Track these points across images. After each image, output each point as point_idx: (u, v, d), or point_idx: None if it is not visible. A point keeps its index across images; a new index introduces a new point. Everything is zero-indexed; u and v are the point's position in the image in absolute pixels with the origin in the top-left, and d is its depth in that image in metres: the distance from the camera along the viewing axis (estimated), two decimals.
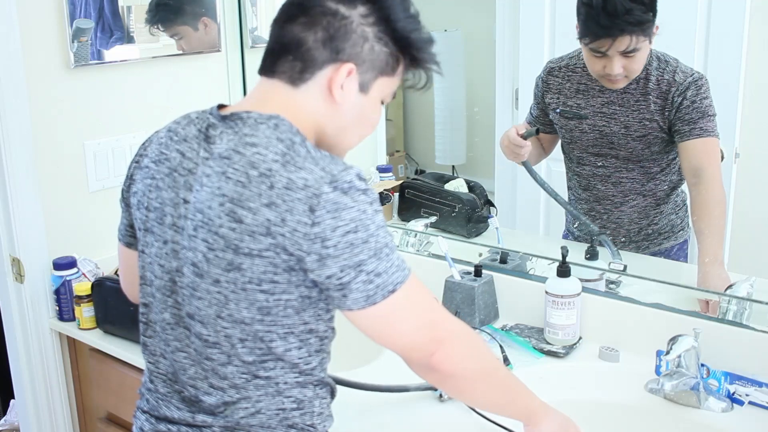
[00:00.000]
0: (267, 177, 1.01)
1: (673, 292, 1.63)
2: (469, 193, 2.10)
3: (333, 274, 1.01)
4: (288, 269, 1.03)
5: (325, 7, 1.07)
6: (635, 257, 1.77)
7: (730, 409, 1.42)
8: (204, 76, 2.20)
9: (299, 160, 1.02)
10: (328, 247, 0.99)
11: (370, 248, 1.01)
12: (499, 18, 2.15)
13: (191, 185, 1.08)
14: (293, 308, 1.06)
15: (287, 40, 1.08)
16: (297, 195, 0.99)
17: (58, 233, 1.93)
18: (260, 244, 1.01)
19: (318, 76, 1.08)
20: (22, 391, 1.99)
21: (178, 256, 1.10)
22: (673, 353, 1.41)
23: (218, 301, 1.06)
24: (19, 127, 1.82)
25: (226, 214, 1.02)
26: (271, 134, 1.04)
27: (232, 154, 1.04)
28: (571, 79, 1.79)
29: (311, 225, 0.99)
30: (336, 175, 1.01)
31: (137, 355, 1.73)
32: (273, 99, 1.09)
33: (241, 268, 1.03)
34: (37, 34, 1.83)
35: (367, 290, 1.02)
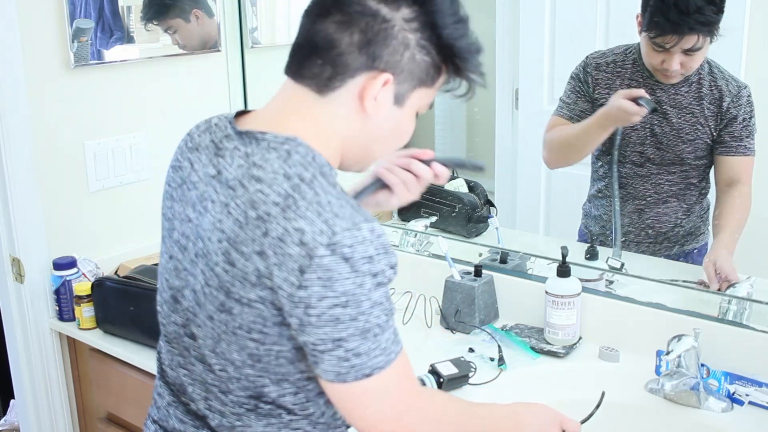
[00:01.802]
0: (263, 222, 0.91)
1: (673, 292, 1.63)
2: (469, 193, 2.10)
3: (309, 342, 0.92)
4: (278, 323, 0.94)
5: (366, 5, 0.94)
6: (635, 257, 1.77)
7: (730, 409, 1.42)
8: (204, 76, 2.20)
9: (302, 205, 0.90)
10: (311, 315, 0.90)
11: (357, 327, 0.90)
12: (499, 18, 2.15)
13: (195, 203, 1.01)
14: (286, 359, 0.98)
15: (318, 38, 0.95)
16: (289, 250, 0.89)
17: (58, 233, 1.93)
18: (250, 294, 0.93)
19: (349, 85, 0.96)
20: (22, 391, 1.99)
21: (180, 276, 1.04)
22: (673, 353, 1.41)
23: (213, 335, 1.00)
24: (19, 127, 1.81)
25: (222, 253, 0.94)
26: (279, 168, 0.93)
27: (237, 186, 0.95)
28: (621, 76, 1.73)
29: (298, 287, 0.89)
30: (338, 235, 0.88)
31: (137, 355, 1.73)
32: (296, 110, 0.99)
33: (232, 313, 0.95)
34: (37, 34, 1.83)
35: (339, 366, 0.92)
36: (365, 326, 0.91)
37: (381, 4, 0.94)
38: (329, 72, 0.96)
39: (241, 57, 2.27)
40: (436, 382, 1.45)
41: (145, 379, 1.73)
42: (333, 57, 0.95)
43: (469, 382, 1.49)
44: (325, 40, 0.95)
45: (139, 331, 1.74)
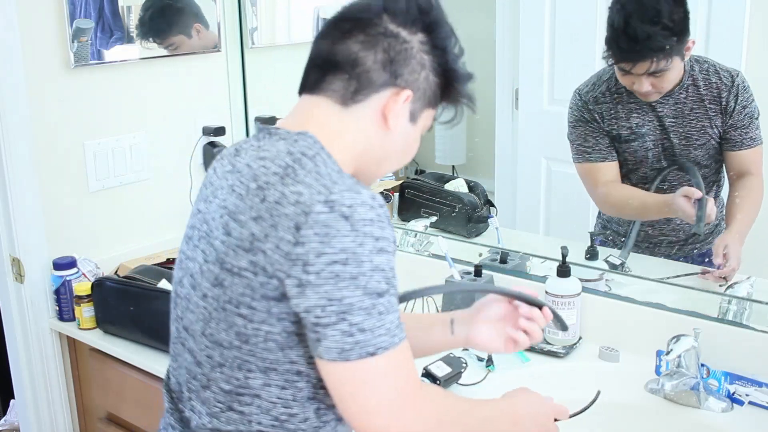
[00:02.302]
0: (262, 190, 0.94)
1: (673, 292, 1.63)
2: (469, 193, 2.10)
3: (312, 307, 0.90)
4: (265, 296, 0.93)
5: (387, 28, 1.00)
6: (637, 257, 1.77)
7: (730, 409, 1.42)
8: (204, 76, 2.20)
9: (300, 173, 0.94)
10: (309, 273, 0.89)
11: (357, 287, 0.89)
12: (499, 18, 2.15)
13: (207, 197, 1.05)
14: (276, 342, 0.95)
15: (341, 57, 1.00)
16: (285, 210, 0.91)
17: (58, 233, 1.93)
18: (241, 261, 0.93)
19: (372, 99, 1.01)
20: (22, 391, 1.99)
21: (182, 266, 1.07)
22: (673, 353, 1.41)
23: (204, 316, 1.00)
24: (19, 127, 1.82)
25: (221, 226, 0.97)
26: (283, 148, 0.98)
27: (244, 168, 0.99)
28: (620, 102, 1.70)
29: (294, 244, 0.89)
30: (335, 194, 0.91)
31: (137, 355, 1.73)
32: (315, 117, 1.02)
33: (223, 285, 0.96)
34: (37, 34, 1.83)
35: (343, 342, 0.90)
36: (366, 289, 0.89)
37: (400, 28, 1.01)
38: (355, 86, 1.00)
39: (241, 57, 2.27)
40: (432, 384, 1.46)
41: (145, 379, 1.73)
42: (358, 73, 1.00)
43: (458, 381, 1.50)
44: (349, 58, 1.00)
45: (139, 331, 1.74)
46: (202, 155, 2.22)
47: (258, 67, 2.28)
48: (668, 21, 1.54)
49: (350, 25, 1.01)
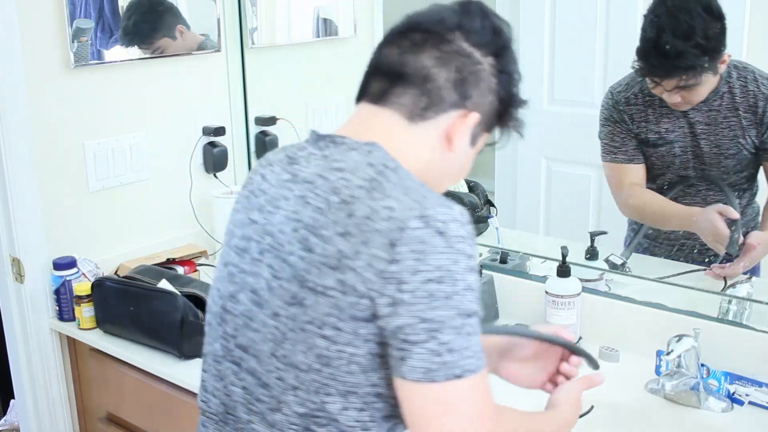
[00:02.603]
0: (347, 204, 0.89)
1: (673, 292, 1.63)
2: (469, 193, 2.10)
3: (403, 325, 0.86)
4: (354, 317, 0.88)
5: (461, 47, 0.97)
6: (636, 257, 1.77)
7: (730, 409, 1.42)
8: (204, 76, 2.20)
9: (388, 187, 0.89)
10: (404, 291, 0.85)
11: (451, 307, 0.86)
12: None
13: (262, 206, 0.99)
14: (359, 365, 0.90)
15: (412, 70, 0.97)
16: (377, 225, 0.86)
17: (58, 233, 1.93)
18: (326, 279, 0.88)
19: (441, 118, 0.97)
20: (22, 391, 1.99)
21: (234, 280, 1.00)
22: (673, 353, 1.41)
23: (274, 337, 0.94)
24: (19, 127, 1.81)
25: (298, 241, 0.91)
26: (361, 159, 0.93)
27: (317, 179, 0.94)
28: (652, 105, 1.66)
29: (389, 261, 0.85)
30: (429, 209, 0.87)
31: (137, 355, 1.73)
32: (381, 129, 0.98)
33: (304, 304, 0.90)
34: (37, 34, 1.83)
35: (431, 362, 0.86)
36: (460, 310, 0.86)
37: (473, 48, 0.98)
38: (425, 102, 0.97)
39: (241, 57, 2.27)
40: None
41: (145, 379, 1.73)
42: (429, 89, 0.97)
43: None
44: (421, 73, 0.97)
45: (139, 331, 1.74)
46: (202, 155, 2.22)
47: (258, 67, 2.28)
48: (701, 39, 1.49)
49: (422, 38, 0.98)
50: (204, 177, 2.23)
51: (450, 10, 1.00)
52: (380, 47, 1.02)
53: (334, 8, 2.47)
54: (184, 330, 1.64)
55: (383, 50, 1.01)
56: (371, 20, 2.44)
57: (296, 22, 2.44)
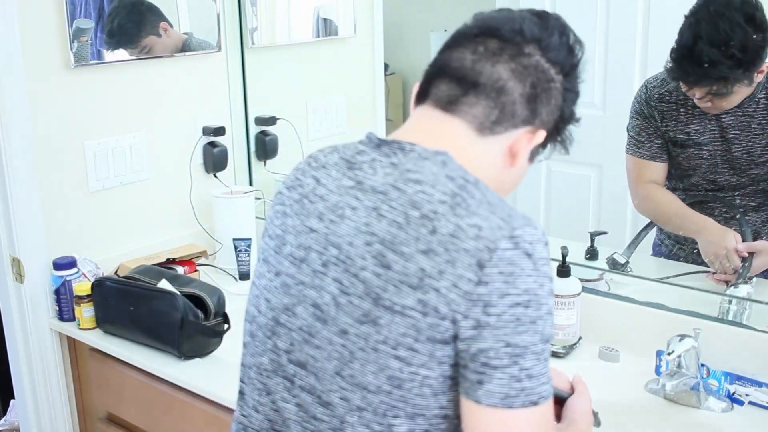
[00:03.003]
0: (430, 220, 0.85)
1: (674, 292, 1.63)
2: None
3: (486, 349, 0.83)
4: (431, 339, 0.84)
5: (538, 62, 0.94)
6: (637, 257, 1.77)
7: (730, 409, 1.42)
8: (204, 76, 2.20)
9: (472, 203, 0.86)
10: (490, 314, 0.82)
11: (535, 332, 0.83)
12: None
13: (323, 214, 0.94)
14: (430, 388, 0.87)
15: (486, 80, 0.93)
16: (464, 245, 0.83)
17: (58, 233, 1.93)
18: (405, 299, 0.84)
19: (509, 134, 0.94)
20: (22, 391, 1.99)
21: (290, 292, 0.95)
22: (673, 353, 1.41)
23: (341, 355, 0.89)
24: (19, 127, 1.81)
25: (372, 256, 0.87)
26: (438, 171, 0.89)
27: (390, 189, 0.89)
28: (685, 104, 1.62)
29: (476, 283, 0.82)
30: (518, 229, 0.84)
31: (137, 355, 1.73)
32: (449, 139, 0.94)
33: (378, 323, 0.86)
34: (37, 34, 1.83)
35: (510, 387, 0.83)
36: (543, 336, 0.84)
37: (549, 64, 0.95)
38: (496, 115, 0.94)
39: (241, 57, 2.27)
40: None
41: (145, 379, 1.73)
42: (503, 102, 0.93)
43: None
44: (496, 84, 0.93)
45: (139, 331, 1.74)
46: (202, 155, 2.22)
47: (258, 67, 2.28)
48: (738, 50, 1.44)
49: (498, 46, 0.94)
50: (204, 177, 2.23)
51: (529, 21, 0.96)
52: (449, 48, 0.98)
53: (334, 8, 2.47)
54: (184, 330, 1.64)
55: (453, 52, 0.96)
56: (371, 20, 2.44)
57: (296, 22, 2.45)
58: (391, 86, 2.66)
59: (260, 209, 2.28)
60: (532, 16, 0.97)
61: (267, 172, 2.34)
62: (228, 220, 2.16)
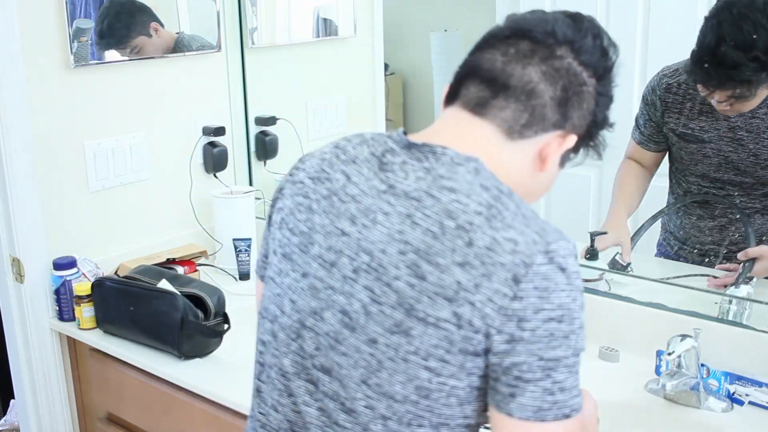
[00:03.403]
0: (465, 231, 0.84)
1: (674, 292, 1.63)
2: None
3: (519, 363, 0.83)
4: (463, 351, 0.84)
5: (571, 65, 0.92)
6: (637, 257, 1.77)
7: (730, 409, 1.42)
8: (204, 76, 2.20)
9: (507, 215, 0.86)
10: (525, 329, 0.82)
11: (569, 347, 0.84)
12: (499, 18, 2.14)
13: (355, 216, 0.92)
14: (457, 398, 0.88)
15: (516, 82, 0.91)
16: (500, 258, 0.83)
17: (58, 233, 1.93)
18: (440, 311, 0.84)
19: (539, 138, 0.93)
20: (22, 391, 1.99)
21: (318, 296, 0.93)
22: (673, 353, 1.41)
23: (368, 364, 0.88)
24: (19, 127, 1.81)
25: (406, 266, 0.86)
26: (473, 180, 0.88)
27: (423, 196, 0.88)
28: (693, 99, 1.60)
29: (512, 298, 0.82)
30: (553, 244, 0.85)
31: (137, 355, 1.73)
32: (479, 143, 0.93)
33: (410, 334, 0.85)
34: (37, 34, 1.83)
35: (543, 400, 0.83)
36: (575, 349, 0.84)
37: (582, 67, 0.93)
38: (526, 119, 0.92)
39: (241, 57, 2.27)
40: None
41: (145, 379, 1.73)
42: (533, 105, 0.92)
43: None
44: (526, 87, 0.91)
45: (139, 331, 1.74)
46: (202, 155, 2.22)
47: (258, 67, 2.28)
48: (762, 53, 1.41)
49: (530, 48, 0.92)
50: (204, 177, 2.23)
51: (562, 23, 0.94)
52: (480, 49, 0.96)
53: (334, 8, 2.47)
54: (184, 330, 1.64)
55: (484, 53, 0.94)
56: (371, 20, 2.44)
57: (296, 22, 2.45)
58: (391, 86, 2.67)
59: (260, 209, 2.28)
60: (565, 17, 0.95)
61: (267, 172, 2.34)
62: (228, 220, 2.16)
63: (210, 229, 2.20)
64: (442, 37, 2.48)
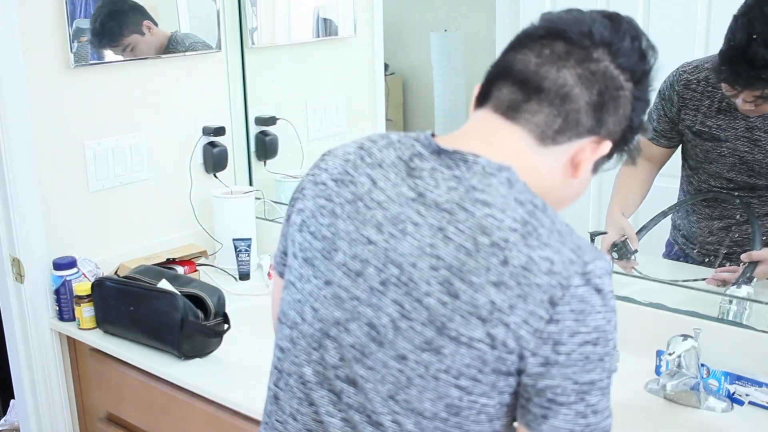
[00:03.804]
0: (500, 249, 0.82)
1: (674, 292, 1.63)
2: None
3: (553, 387, 0.82)
4: (497, 371, 0.83)
5: (608, 68, 0.88)
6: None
7: (730, 409, 1.42)
8: (204, 76, 2.20)
9: (543, 233, 0.83)
10: (560, 353, 0.81)
11: (603, 369, 0.83)
12: (499, 18, 2.15)
13: (381, 224, 0.89)
14: (487, 415, 0.86)
15: (550, 85, 0.88)
16: (537, 279, 0.81)
17: (58, 233, 1.93)
18: (473, 331, 0.82)
19: (572, 144, 0.89)
20: (22, 391, 1.99)
21: (343, 306, 0.90)
22: (673, 353, 1.41)
23: (396, 380, 0.86)
24: (19, 127, 1.81)
25: (439, 283, 0.83)
26: (507, 193, 0.86)
27: (456, 208, 0.85)
28: (712, 97, 1.57)
29: (547, 321, 0.81)
30: (590, 264, 0.82)
31: (137, 355, 1.73)
32: (510, 149, 0.90)
33: (441, 353, 0.83)
34: (37, 34, 1.83)
35: (575, 423, 0.83)
36: (609, 371, 0.84)
37: (618, 71, 0.89)
38: (559, 124, 0.88)
39: (241, 57, 2.27)
40: None
41: (145, 379, 1.73)
42: (567, 110, 0.88)
43: None
44: (561, 91, 0.88)
45: (139, 331, 1.74)
46: (202, 155, 2.22)
47: (258, 67, 2.28)
48: None
49: (564, 49, 0.89)
50: (204, 177, 2.23)
51: (599, 23, 0.90)
52: (513, 49, 0.93)
53: (334, 8, 2.47)
54: (184, 330, 1.64)
55: (517, 54, 0.92)
56: (371, 20, 2.44)
57: (296, 22, 2.45)
58: (391, 86, 2.66)
59: (260, 209, 2.28)
60: (603, 18, 0.91)
61: (267, 172, 2.34)
62: (228, 220, 2.16)
63: (210, 229, 2.20)
64: (442, 37, 2.48)
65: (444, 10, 2.54)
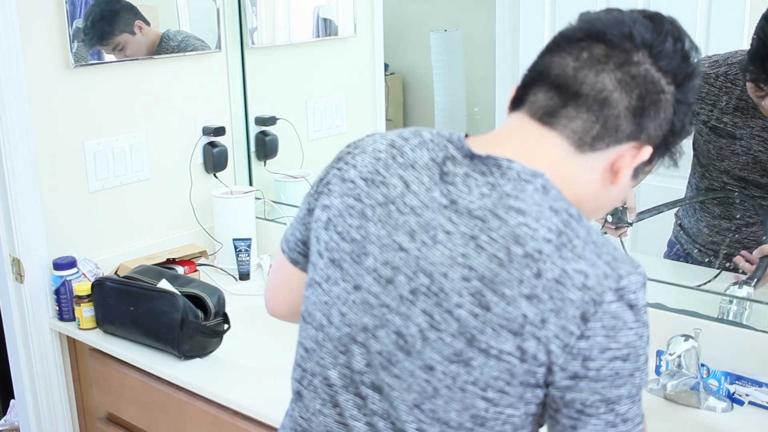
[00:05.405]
0: (534, 261, 0.80)
1: (673, 292, 1.63)
2: None
3: (581, 400, 0.81)
4: (525, 383, 0.82)
5: (648, 71, 0.85)
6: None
7: (730, 409, 1.42)
8: (204, 76, 2.20)
9: (578, 244, 0.81)
10: (590, 369, 0.80)
11: (633, 385, 0.82)
12: (499, 18, 2.15)
13: (414, 231, 0.87)
14: (512, 425, 0.86)
15: (588, 89, 0.85)
16: (570, 294, 0.79)
17: (58, 233, 1.93)
18: (504, 344, 0.81)
19: (610, 150, 0.86)
20: (22, 391, 1.99)
21: (372, 312, 0.88)
22: (673, 353, 1.41)
23: (423, 390, 0.85)
24: (19, 127, 1.81)
25: (470, 294, 0.82)
26: (541, 201, 0.83)
27: (489, 216, 0.83)
28: (730, 93, 1.54)
29: (578, 337, 0.80)
30: (624, 279, 0.81)
31: (137, 355, 1.73)
32: (546, 156, 0.87)
33: (470, 365, 0.82)
34: (37, 34, 1.83)
35: None
36: (640, 384, 0.83)
37: (660, 74, 0.86)
38: (597, 130, 0.86)
39: (241, 57, 2.27)
40: None
41: (145, 379, 1.73)
42: (606, 116, 0.85)
43: None
44: (599, 95, 0.85)
45: (139, 331, 1.74)
46: (202, 155, 2.22)
47: (258, 67, 2.28)
48: None
49: (603, 52, 0.86)
50: (204, 177, 2.23)
51: (640, 24, 0.87)
52: (550, 52, 0.91)
53: (334, 8, 2.47)
54: (184, 330, 1.64)
55: (554, 57, 0.89)
56: (371, 20, 2.44)
57: (296, 22, 2.45)
58: (391, 86, 2.66)
59: (260, 209, 2.28)
60: (644, 18, 0.87)
61: (267, 172, 2.34)
62: (228, 220, 2.16)
63: (210, 229, 2.20)
64: (442, 37, 2.48)
65: (444, 10, 2.54)
